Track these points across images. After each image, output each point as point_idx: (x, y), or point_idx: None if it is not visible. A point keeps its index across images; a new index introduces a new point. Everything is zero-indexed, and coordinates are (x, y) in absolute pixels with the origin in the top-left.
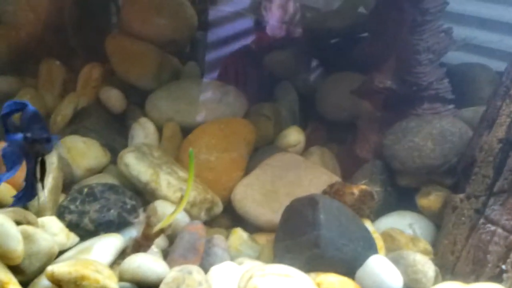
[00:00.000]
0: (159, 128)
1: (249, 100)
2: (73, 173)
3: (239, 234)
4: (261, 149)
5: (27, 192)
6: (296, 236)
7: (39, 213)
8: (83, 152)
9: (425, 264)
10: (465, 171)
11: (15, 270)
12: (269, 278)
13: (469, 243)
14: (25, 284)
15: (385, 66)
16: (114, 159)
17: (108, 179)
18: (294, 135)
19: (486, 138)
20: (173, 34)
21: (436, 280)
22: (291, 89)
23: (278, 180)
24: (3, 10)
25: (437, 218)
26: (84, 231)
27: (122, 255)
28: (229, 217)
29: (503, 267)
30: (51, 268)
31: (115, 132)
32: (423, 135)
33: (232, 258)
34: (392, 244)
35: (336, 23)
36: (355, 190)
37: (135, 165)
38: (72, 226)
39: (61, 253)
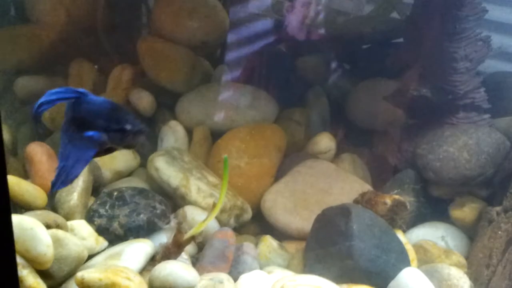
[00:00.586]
0: (189, 132)
1: (280, 105)
2: (102, 176)
3: (269, 242)
4: (292, 156)
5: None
6: (328, 246)
7: (69, 216)
8: (113, 155)
9: (460, 279)
10: (503, 184)
11: (44, 275)
12: None
13: (506, 258)
14: None
15: (421, 74)
16: (143, 162)
17: (138, 183)
18: (325, 142)
19: None
20: (205, 37)
21: None
22: (322, 94)
23: (309, 188)
24: (34, 9)
25: (471, 231)
26: (113, 236)
27: (152, 262)
28: (258, 224)
29: None
30: (81, 274)
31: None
32: (459, 145)
33: (262, 267)
34: (425, 256)
35: (368, 28)
36: (388, 200)
37: (165, 169)
38: (101, 230)
39: (90, 258)
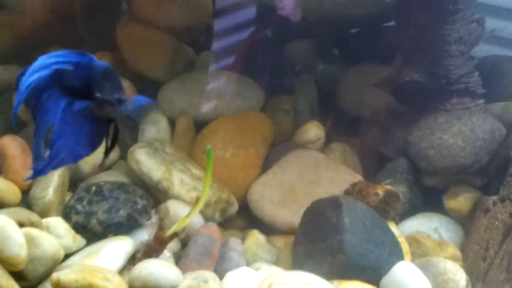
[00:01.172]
0: (172, 122)
1: (267, 93)
2: (80, 169)
3: (256, 237)
4: (279, 145)
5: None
6: (318, 240)
7: (44, 214)
8: None
9: (457, 273)
10: (499, 172)
11: (18, 276)
12: (290, 287)
13: (503, 249)
14: None
15: (413, 58)
16: (123, 154)
17: (117, 176)
18: (314, 131)
19: None
20: (188, 22)
21: None
22: (311, 81)
23: (297, 179)
24: None
25: (466, 221)
26: (92, 233)
27: (132, 260)
28: (244, 218)
29: None
30: (57, 275)
31: (125, 126)
32: (453, 133)
33: (249, 263)
34: (418, 249)
35: (357, 11)
36: (380, 191)
37: (147, 162)
38: (79, 228)
39: (67, 257)
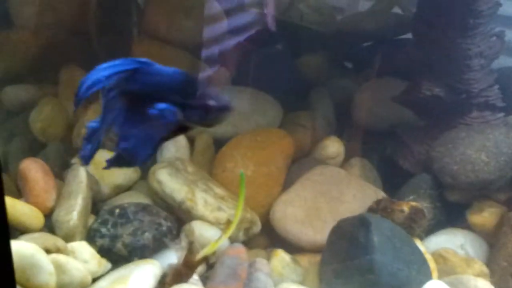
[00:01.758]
0: (190, 141)
1: (283, 108)
2: (101, 191)
3: (281, 256)
4: (299, 162)
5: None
6: (346, 260)
7: (68, 238)
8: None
9: None
10: None
11: None
12: None
13: None
14: None
15: (433, 72)
16: (143, 174)
17: (139, 197)
18: (333, 146)
19: None
20: (201, 37)
21: None
22: (326, 96)
23: (320, 196)
24: (20, 13)
25: (491, 237)
26: (117, 257)
27: (161, 285)
28: (267, 237)
29: None
30: None
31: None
32: (476, 147)
33: (276, 283)
34: (445, 266)
35: (370, 24)
36: (405, 207)
37: (169, 182)
38: (104, 251)
39: (93, 282)
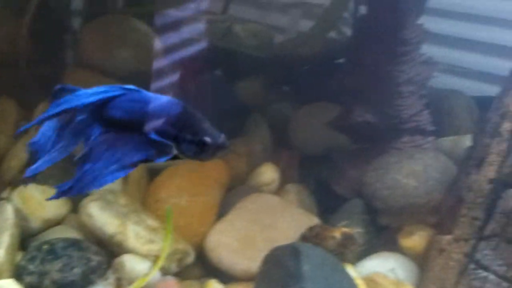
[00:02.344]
0: None
1: None
2: (30, 226)
3: (214, 287)
4: (234, 190)
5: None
6: None
7: None
8: (41, 202)
9: None
10: (451, 211)
11: None
12: None
13: None
14: None
15: (365, 98)
16: (74, 207)
17: (69, 232)
18: (268, 173)
19: (475, 178)
20: (137, 66)
21: None
22: (263, 121)
23: (254, 225)
24: None
25: (421, 260)
26: None
27: None
28: (202, 266)
29: None
30: None
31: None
32: (406, 172)
33: None
34: None
35: (307, 49)
36: (336, 234)
37: (99, 216)
38: None
39: None
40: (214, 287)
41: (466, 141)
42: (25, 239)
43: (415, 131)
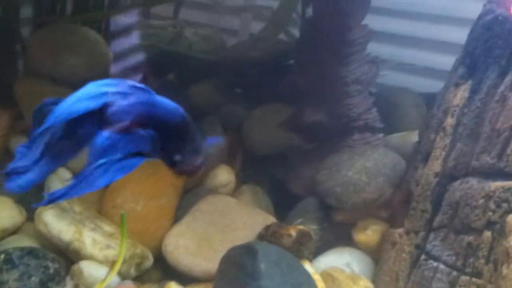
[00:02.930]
0: None
1: None
2: None
3: None
4: (190, 192)
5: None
6: None
7: None
8: None
9: None
10: (402, 205)
11: None
12: None
13: (412, 280)
14: None
15: (315, 98)
16: (30, 216)
17: (25, 241)
18: (224, 175)
19: (422, 172)
20: (88, 74)
21: None
22: (218, 124)
23: (211, 226)
24: None
25: (375, 253)
26: None
27: None
28: (161, 269)
29: None
30: None
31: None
32: (358, 169)
33: None
34: (333, 285)
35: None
36: (292, 232)
37: (55, 224)
38: None
39: None
40: None
41: (414, 137)
42: None
43: (365, 129)
